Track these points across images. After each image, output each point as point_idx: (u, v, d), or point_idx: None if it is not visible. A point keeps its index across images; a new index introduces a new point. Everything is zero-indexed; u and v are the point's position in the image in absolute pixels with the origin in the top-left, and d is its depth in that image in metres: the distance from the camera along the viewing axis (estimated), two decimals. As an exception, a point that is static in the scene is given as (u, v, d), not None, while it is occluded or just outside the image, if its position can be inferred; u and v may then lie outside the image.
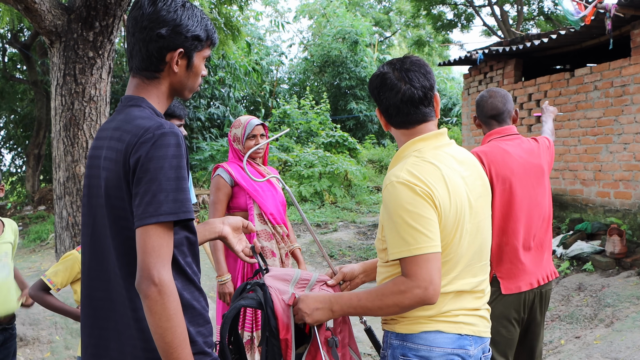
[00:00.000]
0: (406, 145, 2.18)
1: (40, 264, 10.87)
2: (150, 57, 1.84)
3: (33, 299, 3.19)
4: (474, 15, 21.91)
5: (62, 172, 6.30)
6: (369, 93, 2.27)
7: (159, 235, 1.66)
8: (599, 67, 7.82)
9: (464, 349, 2.08)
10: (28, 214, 15.59)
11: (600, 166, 7.82)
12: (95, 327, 1.89)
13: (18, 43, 16.28)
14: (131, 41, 1.86)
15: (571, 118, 8.32)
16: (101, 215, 1.82)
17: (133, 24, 1.84)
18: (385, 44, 31.69)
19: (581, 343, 5.21)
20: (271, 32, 29.34)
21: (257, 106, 21.52)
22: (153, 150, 1.68)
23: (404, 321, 2.10)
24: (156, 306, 1.63)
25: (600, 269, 6.80)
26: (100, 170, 1.81)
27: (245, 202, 3.93)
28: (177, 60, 1.86)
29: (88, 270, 1.91)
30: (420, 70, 2.15)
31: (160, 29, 1.81)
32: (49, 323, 5.81)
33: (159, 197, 1.65)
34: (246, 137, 4.00)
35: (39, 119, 16.95)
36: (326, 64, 23.17)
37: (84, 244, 1.93)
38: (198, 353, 1.81)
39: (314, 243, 10.73)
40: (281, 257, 4.03)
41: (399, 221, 1.98)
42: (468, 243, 2.11)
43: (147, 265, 1.63)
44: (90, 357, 1.91)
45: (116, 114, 1.90)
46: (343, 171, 15.46)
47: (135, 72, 1.90)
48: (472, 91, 10.91)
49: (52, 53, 6.22)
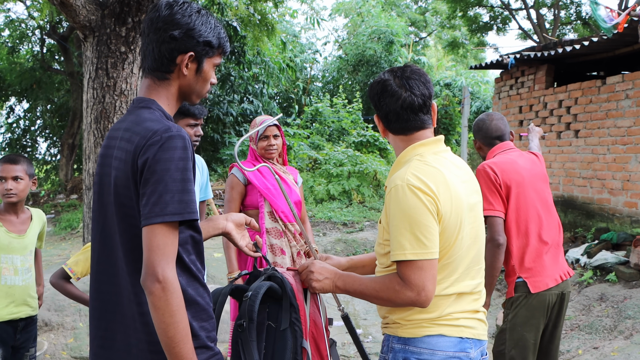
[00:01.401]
0: (407, 150, 2.23)
1: (69, 252, 11.10)
2: (161, 58, 1.92)
3: (54, 286, 3.29)
4: (510, 18, 21.70)
5: (91, 164, 6.43)
6: (368, 98, 2.30)
7: (164, 234, 1.73)
8: (631, 76, 7.73)
9: (465, 352, 2.13)
10: (60, 202, 15.90)
11: (628, 176, 7.73)
12: (102, 319, 1.97)
13: (56, 34, 16.59)
14: (145, 42, 1.95)
15: (601, 126, 8.24)
16: (111, 212, 1.89)
17: (149, 25, 1.93)
18: (420, 44, 31.51)
19: (598, 354, 5.19)
20: (306, 30, 29.39)
21: (290, 103, 21.59)
22: (160, 152, 1.75)
23: (407, 325, 2.14)
24: (160, 302, 1.70)
25: (623, 280, 6.73)
26: (111, 169, 1.89)
27: (257, 200, 4.03)
28: (187, 63, 1.94)
29: (97, 265, 1.99)
30: (420, 79, 2.20)
31: (173, 30, 1.89)
32: (74, 310, 5.96)
33: (165, 197, 1.72)
34: (259, 138, 4.09)
35: (74, 110, 17.25)
36: (360, 63, 23.13)
37: (94, 239, 2.01)
38: (200, 347, 1.86)
39: (339, 242, 10.79)
40: (292, 255, 4.10)
41: (399, 225, 2.04)
42: (467, 246, 2.16)
43: (152, 262, 1.71)
44: (98, 348, 1.99)
45: (128, 114, 1.98)
46: (372, 171, 15.45)
47: (147, 72, 1.98)
48: (502, 95, 10.84)
49: (85, 47, 6.36)
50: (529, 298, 3.42)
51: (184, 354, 1.73)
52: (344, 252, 10.45)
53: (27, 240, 3.70)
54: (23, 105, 20.43)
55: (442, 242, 2.08)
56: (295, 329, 2.21)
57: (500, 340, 3.47)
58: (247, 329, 2.11)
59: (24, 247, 3.68)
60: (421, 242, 2.01)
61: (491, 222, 3.39)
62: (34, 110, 20.35)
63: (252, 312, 2.13)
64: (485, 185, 3.41)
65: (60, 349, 5.54)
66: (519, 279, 3.43)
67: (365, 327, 6.80)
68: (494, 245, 3.36)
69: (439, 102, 19.22)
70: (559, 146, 9.15)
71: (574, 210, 8.73)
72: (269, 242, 4.04)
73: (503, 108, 10.78)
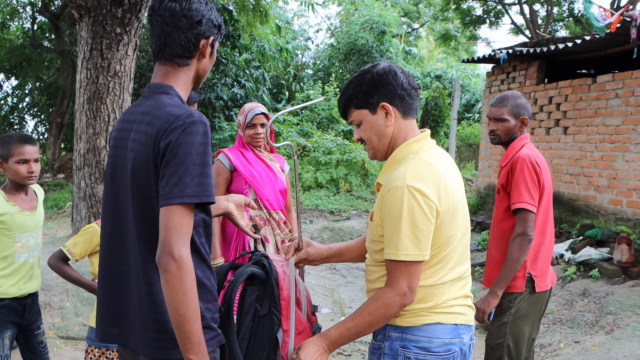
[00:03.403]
0: (401, 147, 2.23)
1: (56, 232, 11.08)
2: (188, 44, 2.00)
3: (52, 268, 3.28)
4: (503, 12, 21.77)
5: (83, 144, 6.44)
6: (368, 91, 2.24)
7: (182, 215, 1.79)
8: (621, 75, 7.80)
9: (459, 338, 2.20)
10: (47, 181, 15.84)
11: (615, 174, 7.83)
12: (113, 297, 2.04)
13: (48, 12, 16.44)
14: (166, 30, 2.00)
15: (590, 124, 8.32)
16: (125, 193, 1.96)
17: (171, 13, 1.99)
18: (412, 35, 31.53)
19: (580, 348, 5.27)
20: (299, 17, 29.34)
21: (281, 89, 21.57)
22: (183, 136, 1.81)
23: (404, 315, 2.18)
24: (174, 280, 1.75)
25: (606, 277, 6.83)
26: (127, 151, 1.95)
27: (242, 187, 4.03)
28: (207, 47, 2.06)
29: (108, 245, 2.05)
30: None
31: (197, 18, 1.99)
32: (61, 290, 5.97)
33: (185, 180, 1.79)
34: (246, 126, 4.08)
35: (63, 88, 17.15)
36: (352, 52, 23.12)
37: (104, 220, 2.07)
38: (205, 327, 1.91)
39: (326, 230, 10.84)
40: (276, 244, 4.11)
41: (396, 226, 2.07)
42: (460, 237, 2.22)
43: (169, 241, 1.76)
44: (108, 326, 2.05)
45: (143, 99, 2.03)
46: (360, 160, 15.50)
47: (166, 59, 2.03)
48: (493, 90, 10.90)
49: (80, 27, 6.34)
50: (532, 295, 3.46)
51: (193, 331, 1.78)
52: (331, 240, 10.50)
53: (38, 217, 3.64)
54: (12, 82, 20.30)
55: (440, 238, 2.12)
56: (273, 318, 2.27)
57: (499, 333, 3.48)
58: (225, 315, 2.17)
59: (36, 224, 3.61)
60: (416, 245, 2.06)
61: (525, 216, 3.35)
62: (23, 87, 20.23)
63: (230, 299, 2.20)
64: (529, 176, 3.36)
65: (47, 329, 5.55)
66: (527, 274, 3.44)
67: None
68: (525, 240, 3.32)
69: (429, 94, 19.26)
70: (547, 142, 9.22)
71: (560, 206, 8.82)
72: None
73: (493, 102, 10.83)
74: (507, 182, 3.47)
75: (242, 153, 4.11)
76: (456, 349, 2.18)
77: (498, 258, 3.53)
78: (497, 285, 3.38)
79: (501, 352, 3.47)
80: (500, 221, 3.55)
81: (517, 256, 3.32)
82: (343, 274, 8.90)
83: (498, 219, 3.57)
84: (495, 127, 3.60)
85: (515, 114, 3.53)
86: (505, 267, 3.36)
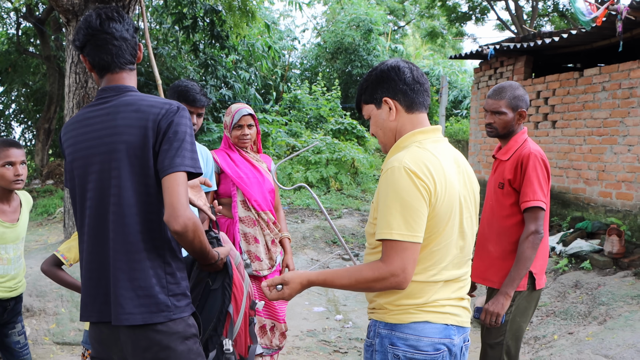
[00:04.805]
0: (407, 136, 2.26)
1: (47, 238, 11.03)
2: (133, 51, 2.35)
3: (46, 274, 3.27)
4: (488, 8, 21.84)
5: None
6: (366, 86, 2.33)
7: (183, 181, 2.11)
8: (608, 69, 7.87)
9: (449, 339, 2.19)
10: (36, 188, 15.75)
11: (604, 166, 7.89)
12: (103, 278, 2.22)
13: (32, 17, 16.30)
14: (116, 44, 2.29)
15: (578, 117, 8.38)
16: (117, 175, 2.17)
17: (117, 30, 2.29)
18: (399, 33, 31.61)
19: (573, 339, 5.32)
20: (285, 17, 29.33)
21: (269, 90, 21.56)
22: (178, 118, 2.18)
23: (393, 311, 2.19)
24: (194, 234, 2.10)
25: (597, 268, 6.88)
26: (115, 140, 2.18)
27: (229, 188, 4.03)
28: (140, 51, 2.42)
29: (92, 235, 2.25)
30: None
31: (133, 29, 2.35)
32: (56, 295, 5.95)
33: (184, 152, 2.13)
34: (233, 127, 4.07)
35: (50, 94, 17.04)
36: (339, 51, 23.16)
37: (83, 212, 2.28)
38: (181, 294, 2.23)
39: (317, 229, 10.85)
40: (266, 244, 4.11)
41: (390, 205, 2.07)
42: (457, 237, 2.21)
43: (180, 205, 2.07)
44: (102, 305, 2.22)
45: (107, 99, 2.27)
46: (350, 159, 15.53)
47: (120, 67, 2.31)
48: (481, 85, 10.95)
49: (68, 31, 6.33)
50: (532, 292, 3.42)
51: (209, 248, 2.25)
52: (323, 239, 10.52)
53: (19, 229, 3.64)
54: (-2, 89, 20.14)
55: (432, 228, 2.12)
56: (225, 293, 2.44)
57: (499, 331, 3.41)
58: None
59: (16, 236, 3.60)
60: (409, 225, 2.05)
61: (538, 214, 3.28)
62: (9, 94, 20.07)
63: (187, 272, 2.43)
64: (541, 174, 3.32)
65: (42, 335, 5.55)
66: (530, 271, 3.38)
67: (345, 312, 6.88)
68: (537, 238, 3.26)
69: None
70: (536, 136, 9.28)
71: (550, 199, 8.85)
72: (242, 230, 4.04)
73: (482, 98, 10.90)
74: (514, 177, 3.37)
75: (228, 155, 4.10)
76: (444, 349, 2.17)
77: (497, 255, 3.44)
78: (508, 286, 3.27)
79: (500, 351, 3.43)
80: (504, 217, 3.43)
81: (530, 255, 3.25)
82: (336, 272, 8.91)
83: (501, 215, 3.45)
84: (492, 120, 3.48)
85: (513, 107, 3.42)
86: (516, 266, 3.27)
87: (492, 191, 3.55)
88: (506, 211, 3.42)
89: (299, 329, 6.13)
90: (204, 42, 15.21)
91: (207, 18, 13.35)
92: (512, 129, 3.47)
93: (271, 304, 4.14)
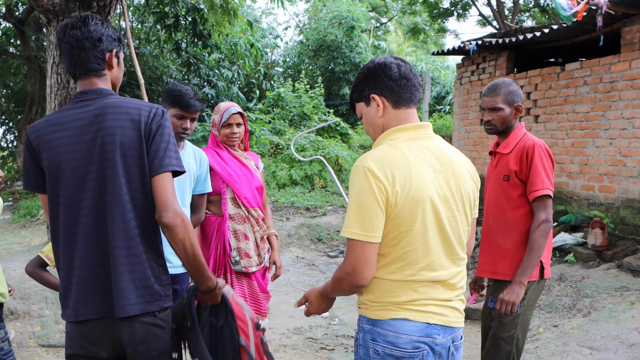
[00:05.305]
0: (385, 133, 2.27)
1: (30, 239, 10.94)
2: (97, 59, 2.35)
3: (30, 275, 3.25)
4: (470, 4, 21.92)
5: (55, 150, 6.37)
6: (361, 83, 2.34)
7: (171, 180, 2.26)
8: (589, 63, 7.93)
9: (431, 337, 2.17)
10: (19, 189, 15.63)
11: (586, 160, 7.95)
12: (102, 267, 2.27)
13: (12, 17, 16.15)
14: (74, 53, 2.33)
15: (560, 112, 8.44)
16: (112, 171, 2.23)
17: (75, 39, 2.31)
18: (381, 30, 31.64)
19: (558, 331, 5.36)
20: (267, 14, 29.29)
21: (252, 88, 21.51)
22: (163, 121, 2.30)
23: (374, 307, 2.20)
24: (183, 230, 2.21)
25: (581, 261, 6.94)
26: (106, 140, 2.23)
27: (219, 186, 4.03)
28: (113, 58, 2.41)
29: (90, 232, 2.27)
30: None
31: (97, 36, 2.34)
32: (40, 298, 5.91)
33: (170, 153, 2.27)
34: (222, 125, 4.08)
35: (32, 95, 16.90)
36: (321, 49, 23.16)
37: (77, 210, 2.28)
38: (169, 283, 2.38)
39: (303, 226, 10.85)
40: (256, 241, 4.13)
41: (351, 203, 2.13)
42: (436, 235, 2.18)
43: (170, 202, 2.21)
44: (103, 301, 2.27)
45: (88, 102, 2.30)
46: (334, 156, 15.53)
47: (85, 74, 2.34)
48: (464, 81, 11.00)
49: (48, 31, 6.27)
50: (540, 282, 3.45)
51: (201, 257, 2.28)
52: (308, 237, 10.52)
53: None
54: (-23, 91, 19.96)
55: (396, 227, 2.11)
56: (232, 328, 2.44)
57: (512, 324, 3.42)
58: (192, 328, 2.41)
59: None
60: (362, 224, 2.08)
61: (547, 203, 3.31)
62: (-11, 95, 19.91)
63: (191, 312, 2.43)
64: (547, 163, 3.34)
65: (27, 338, 5.51)
66: (541, 261, 3.41)
67: (331, 310, 6.88)
68: (548, 227, 3.29)
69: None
70: (519, 131, 9.31)
71: (534, 193, 8.92)
72: (232, 227, 4.05)
73: (464, 93, 10.95)
74: (520, 168, 3.38)
75: (217, 153, 4.11)
76: (425, 348, 2.16)
77: (508, 247, 3.43)
78: (522, 275, 3.27)
79: (512, 344, 3.43)
80: (512, 209, 3.44)
81: (542, 243, 3.28)
82: (322, 269, 8.93)
83: (509, 207, 3.45)
84: (490, 117, 3.50)
85: (509, 102, 3.45)
86: (529, 255, 3.29)
87: (495, 185, 3.55)
88: (514, 203, 3.43)
89: (286, 327, 6.12)
90: (186, 41, 15.15)
91: (189, 17, 13.28)
92: (511, 124, 3.50)
93: (258, 299, 4.17)
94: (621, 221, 7.36)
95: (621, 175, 7.40)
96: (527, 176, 3.36)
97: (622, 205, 7.39)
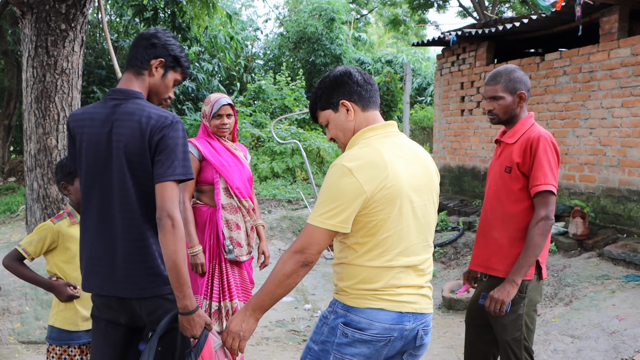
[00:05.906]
0: (358, 134, 2.44)
1: (10, 236, 10.82)
2: (142, 58, 2.62)
3: (7, 268, 3.23)
4: (450, -5, 21.95)
5: (33, 145, 6.28)
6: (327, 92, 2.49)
7: (173, 188, 2.43)
8: (568, 53, 7.96)
9: (401, 325, 2.31)
10: (-3, 185, 15.43)
11: (566, 150, 7.99)
12: (107, 256, 2.56)
13: (-12, 11, 15.95)
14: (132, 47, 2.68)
15: (540, 102, 8.47)
16: (117, 172, 2.50)
17: (138, 37, 2.66)
18: (361, 21, 31.58)
19: (540, 320, 5.39)
20: (247, 7, 29.12)
21: (232, 80, 21.40)
22: (171, 132, 2.47)
23: (352, 294, 2.32)
24: (170, 234, 2.37)
25: (563, 250, 6.99)
26: (113, 140, 2.51)
27: (212, 176, 4.11)
28: (158, 66, 2.65)
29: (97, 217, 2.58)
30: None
31: (152, 41, 2.64)
32: (19, 294, 5.83)
33: (174, 163, 2.44)
34: (212, 116, 4.17)
35: (9, 90, 16.67)
36: (301, 41, 23.07)
37: (90, 196, 2.59)
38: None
39: (284, 219, 10.82)
40: (246, 230, 4.25)
41: (321, 195, 2.28)
42: (411, 223, 2.32)
43: (167, 207, 2.39)
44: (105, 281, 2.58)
45: (116, 104, 2.56)
46: (316, 148, 15.52)
47: (127, 68, 2.65)
48: (444, 72, 11.01)
49: (23, 24, 6.17)
50: (538, 282, 3.32)
51: (184, 271, 2.40)
52: (290, 229, 10.51)
53: None
54: (-47, 86, 19.62)
55: (375, 216, 2.25)
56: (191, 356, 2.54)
57: (516, 326, 3.28)
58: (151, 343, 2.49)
59: None
60: (327, 213, 2.22)
61: (548, 199, 3.15)
62: (-35, 90, 19.60)
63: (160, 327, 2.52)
64: (552, 157, 3.19)
65: (7, 334, 5.44)
66: (538, 260, 3.26)
67: (314, 302, 6.88)
68: (548, 224, 3.13)
69: (380, 79, 19.34)
70: (499, 121, 9.34)
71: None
72: (225, 217, 4.13)
73: (445, 84, 10.96)
74: (523, 160, 3.22)
75: (209, 143, 4.18)
76: (394, 335, 2.30)
77: (503, 242, 3.30)
78: (516, 274, 3.13)
79: (519, 347, 3.31)
80: (511, 202, 3.29)
81: (540, 242, 3.12)
82: (305, 262, 8.90)
83: (508, 200, 3.30)
84: (492, 107, 3.36)
85: (510, 90, 3.30)
86: (525, 253, 3.14)
87: (496, 176, 3.40)
88: (513, 196, 3.28)
89: (268, 320, 6.10)
90: (165, 33, 14.99)
91: (168, 9, 13.19)
92: (515, 113, 3.35)
93: (247, 289, 4.30)
94: (602, 210, 7.41)
95: (601, 164, 7.44)
96: (530, 169, 3.20)
97: (602, 194, 7.43)
